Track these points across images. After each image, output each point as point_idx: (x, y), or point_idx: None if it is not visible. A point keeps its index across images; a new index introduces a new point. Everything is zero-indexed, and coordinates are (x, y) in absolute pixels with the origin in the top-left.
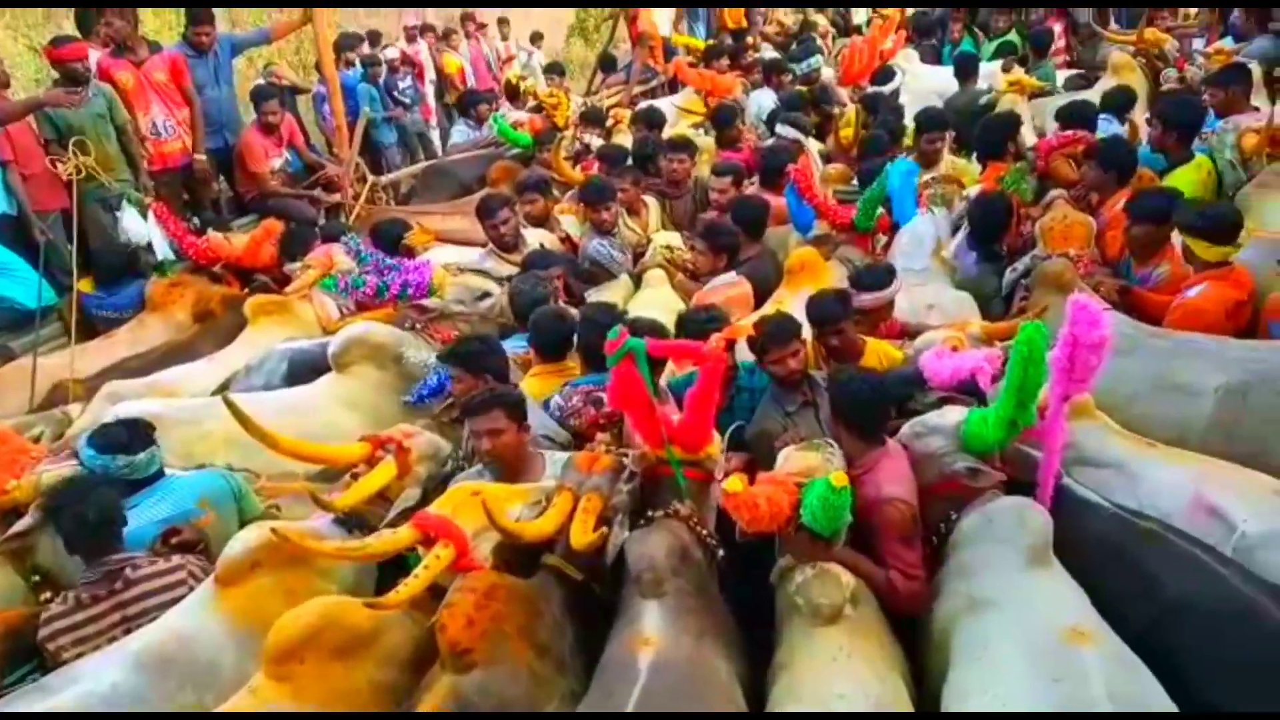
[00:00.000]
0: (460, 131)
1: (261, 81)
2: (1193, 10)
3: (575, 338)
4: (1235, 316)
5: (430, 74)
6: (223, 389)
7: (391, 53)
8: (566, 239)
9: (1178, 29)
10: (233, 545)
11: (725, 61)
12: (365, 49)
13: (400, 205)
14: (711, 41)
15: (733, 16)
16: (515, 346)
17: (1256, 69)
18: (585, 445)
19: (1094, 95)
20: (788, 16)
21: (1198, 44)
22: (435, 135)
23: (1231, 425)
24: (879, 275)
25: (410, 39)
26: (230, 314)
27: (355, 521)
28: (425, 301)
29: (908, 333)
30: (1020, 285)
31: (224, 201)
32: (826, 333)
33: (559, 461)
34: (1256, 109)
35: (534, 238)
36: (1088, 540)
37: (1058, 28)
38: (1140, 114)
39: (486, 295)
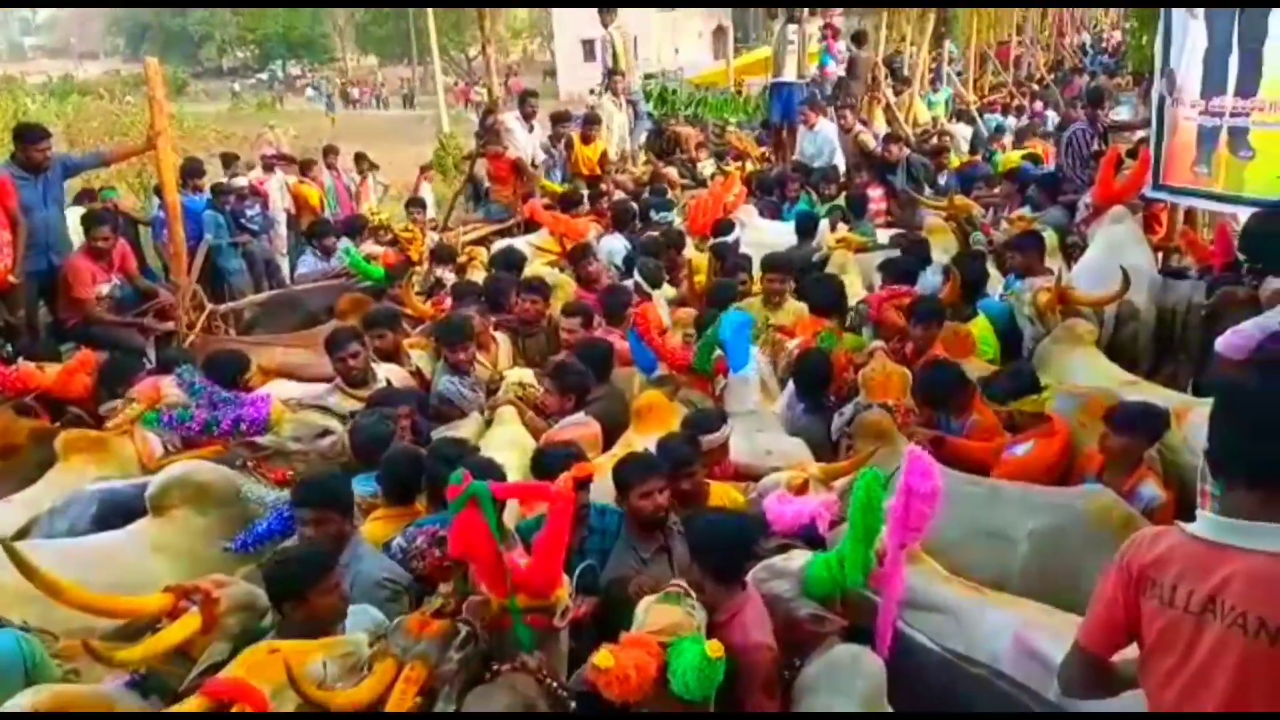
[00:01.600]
0: (307, 261)
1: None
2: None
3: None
4: (1056, 468)
5: (285, 203)
6: (22, 534)
7: (241, 180)
8: (417, 373)
9: (984, 198)
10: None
11: (585, 206)
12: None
13: (242, 335)
14: (567, 186)
15: (586, 164)
16: (360, 489)
17: (1051, 235)
18: (429, 590)
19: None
20: (637, 167)
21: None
22: (285, 264)
23: (1043, 569)
24: (712, 418)
25: (267, 168)
26: (38, 450)
27: (153, 683)
28: (259, 439)
29: (740, 475)
30: (844, 432)
31: (42, 326)
32: (679, 476)
33: (356, 612)
34: (1050, 271)
35: (383, 373)
36: (921, 685)
37: (876, 193)
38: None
39: (327, 433)
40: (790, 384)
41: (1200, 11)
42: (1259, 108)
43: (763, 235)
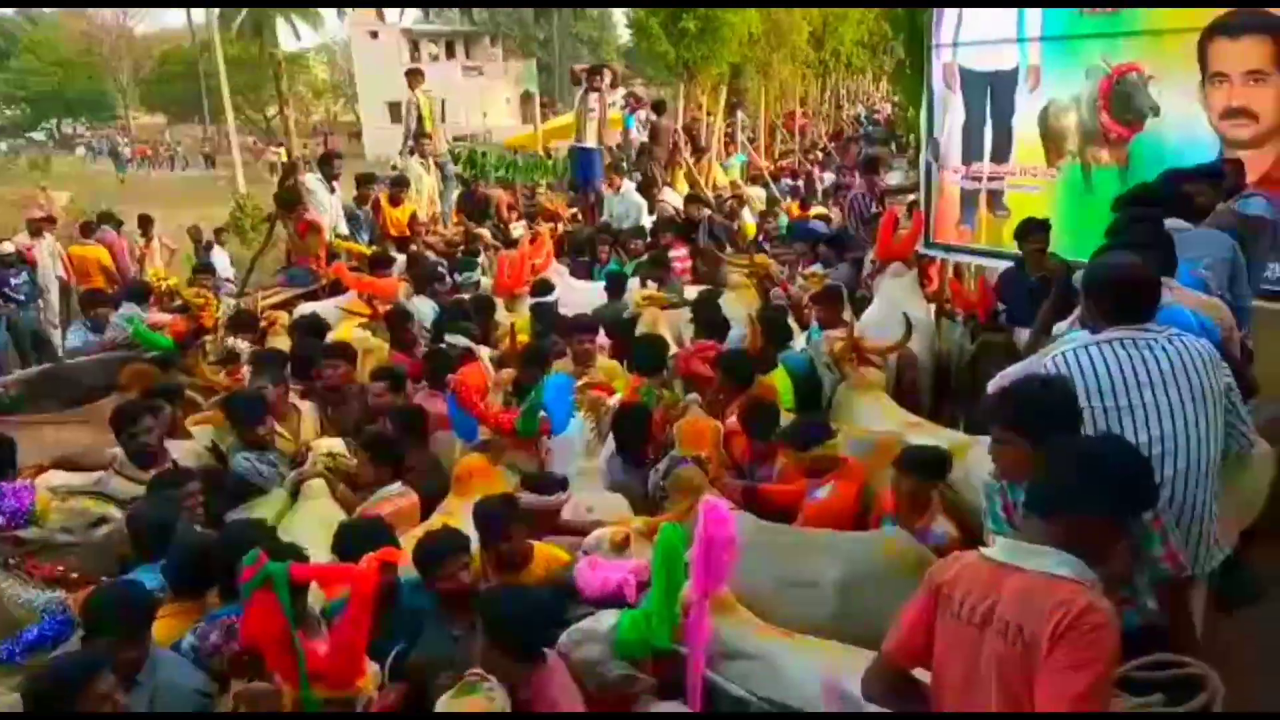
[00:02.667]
0: (78, 334)
1: None
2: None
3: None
4: (855, 507)
5: (56, 269)
6: None
7: (7, 247)
8: (213, 449)
9: (780, 255)
10: None
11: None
12: None
13: (4, 415)
14: (375, 248)
15: (395, 225)
16: (146, 581)
17: (841, 290)
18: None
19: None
20: (447, 229)
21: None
22: (58, 336)
23: (849, 612)
24: (552, 482)
25: (34, 232)
26: None
27: None
28: (23, 532)
29: (563, 531)
30: (660, 486)
31: None
32: (491, 540)
33: None
34: (847, 322)
35: (177, 452)
36: None
37: (680, 252)
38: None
39: (103, 521)
40: (610, 440)
41: (958, 87)
42: (1012, 173)
43: (575, 295)
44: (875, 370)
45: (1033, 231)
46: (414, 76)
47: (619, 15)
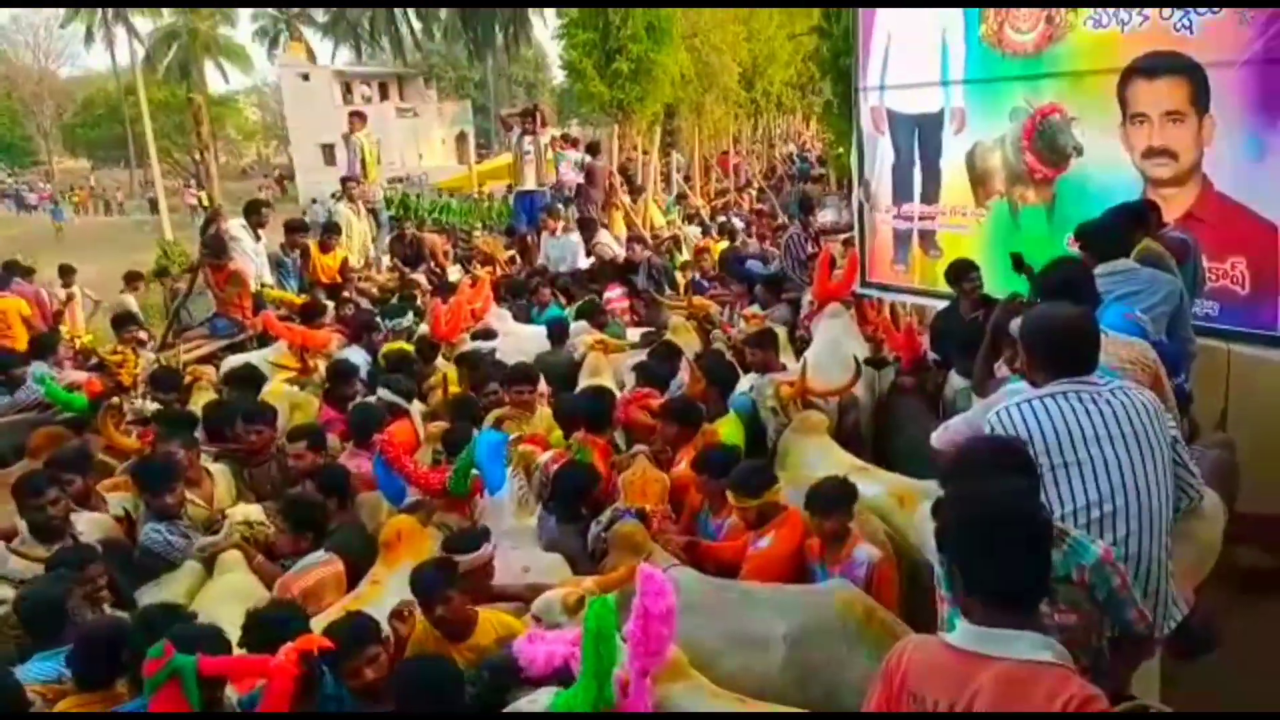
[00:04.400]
0: None
1: None
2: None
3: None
4: (797, 556)
5: None
6: None
7: None
8: (124, 519)
9: (718, 296)
10: None
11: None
12: None
13: None
14: (304, 296)
15: (326, 272)
16: (42, 671)
17: (781, 331)
18: None
19: None
20: (381, 275)
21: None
22: None
23: (800, 668)
24: (471, 537)
25: None
26: None
27: None
28: None
29: (498, 596)
30: (601, 539)
31: None
32: (432, 606)
33: None
34: (784, 366)
35: (83, 523)
36: None
37: (616, 293)
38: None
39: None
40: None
41: (886, 129)
42: (942, 213)
43: (518, 341)
44: (818, 414)
45: (964, 273)
46: (356, 119)
47: (554, 56)
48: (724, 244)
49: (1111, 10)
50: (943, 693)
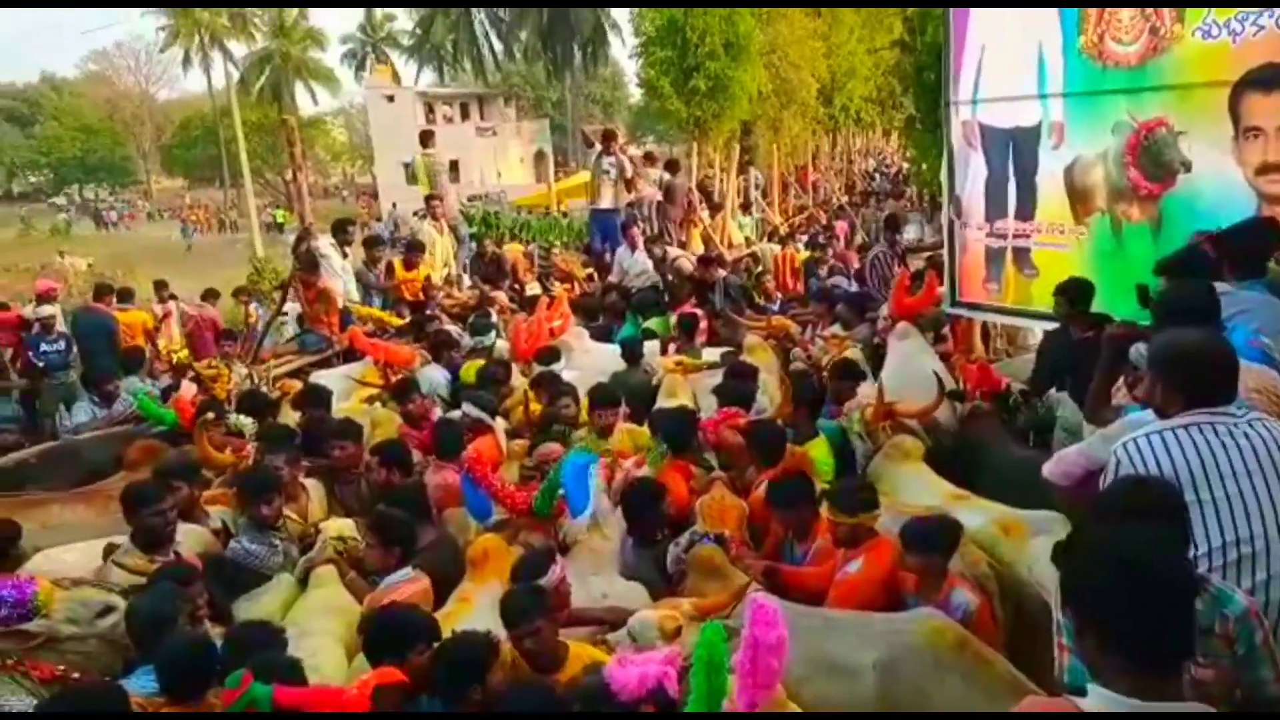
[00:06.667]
0: (84, 408)
1: None
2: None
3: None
4: (888, 583)
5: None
6: None
7: (45, 309)
8: (222, 532)
9: (799, 316)
10: None
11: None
12: None
13: (8, 494)
14: (390, 313)
15: (410, 288)
16: (142, 685)
17: (857, 351)
18: None
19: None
20: (463, 292)
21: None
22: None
23: (892, 698)
24: (540, 561)
25: (45, 297)
26: None
27: None
28: (28, 625)
29: (575, 621)
30: (680, 561)
31: None
32: (521, 638)
33: None
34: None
35: (181, 535)
36: None
37: (699, 313)
38: (773, 387)
39: (109, 611)
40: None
41: (978, 144)
42: (1038, 230)
43: (594, 359)
44: (910, 438)
45: (1083, 293)
46: (424, 138)
47: (630, 74)
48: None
49: (1222, 21)
50: None
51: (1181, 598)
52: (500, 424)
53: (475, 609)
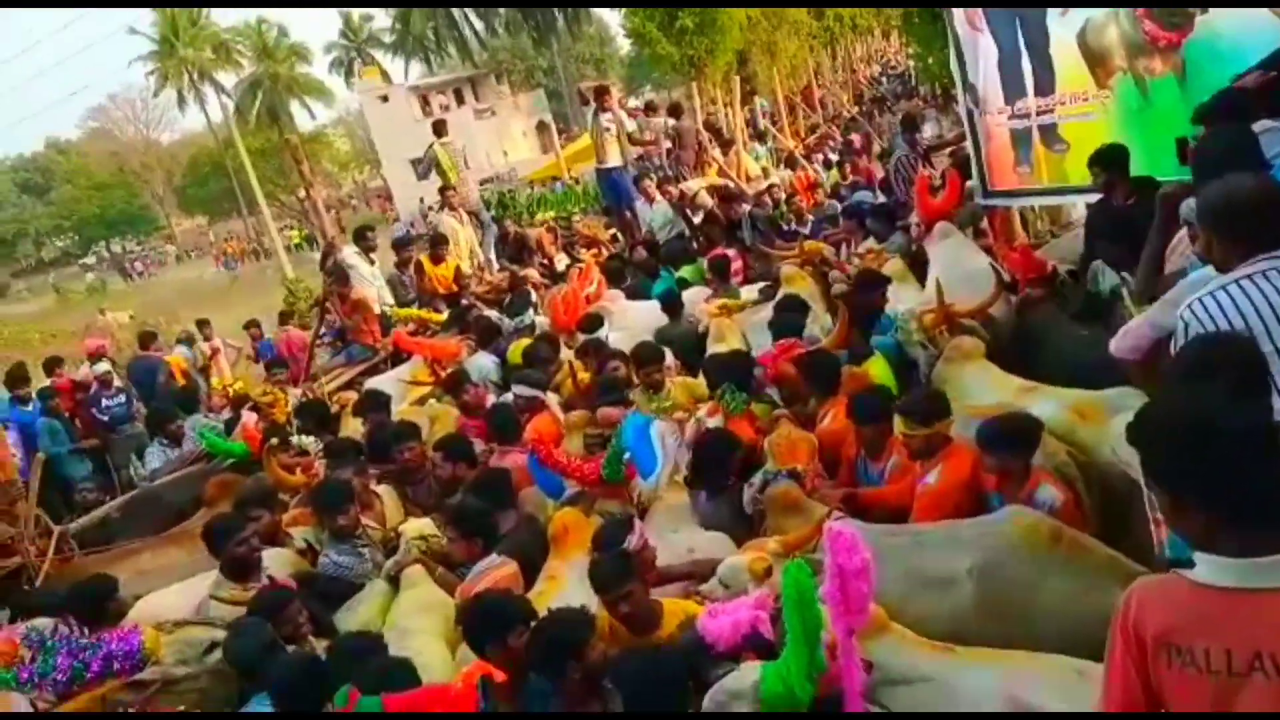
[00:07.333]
0: (156, 453)
1: None
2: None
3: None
4: (971, 486)
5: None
6: None
7: (102, 366)
8: (308, 550)
9: (830, 236)
10: None
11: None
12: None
13: (98, 550)
14: (423, 310)
15: (442, 283)
16: (261, 707)
17: (898, 262)
18: None
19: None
20: (495, 276)
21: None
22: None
23: (994, 602)
24: (617, 530)
25: (96, 355)
26: None
27: None
28: (142, 675)
29: (662, 579)
30: (757, 501)
31: None
32: (616, 604)
33: None
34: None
35: (267, 558)
36: None
37: (731, 252)
38: (821, 313)
39: (215, 647)
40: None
41: (984, 25)
42: (1060, 102)
43: (635, 317)
44: (970, 338)
45: (1117, 160)
46: (437, 128)
47: (616, 27)
48: (833, 175)
49: None
50: (1211, 641)
51: (1259, 449)
52: (553, 399)
53: (565, 584)
